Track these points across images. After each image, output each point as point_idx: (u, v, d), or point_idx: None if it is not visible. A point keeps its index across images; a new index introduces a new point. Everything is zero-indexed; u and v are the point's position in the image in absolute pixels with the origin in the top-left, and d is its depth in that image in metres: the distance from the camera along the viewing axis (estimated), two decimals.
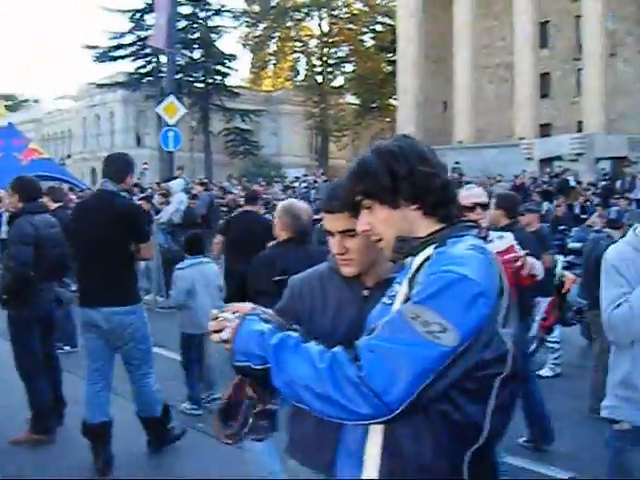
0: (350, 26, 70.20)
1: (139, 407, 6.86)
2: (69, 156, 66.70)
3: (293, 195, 27.22)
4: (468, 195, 5.64)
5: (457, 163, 37.75)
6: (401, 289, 2.24)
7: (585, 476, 6.52)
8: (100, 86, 63.71)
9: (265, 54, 71.88)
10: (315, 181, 37.75)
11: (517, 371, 2.17)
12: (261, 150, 65.96)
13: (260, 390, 2.38)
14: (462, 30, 49.48)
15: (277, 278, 4.84)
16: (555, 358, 10.05)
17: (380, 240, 2.37)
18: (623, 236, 9.52)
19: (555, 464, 6.73)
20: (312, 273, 3.15)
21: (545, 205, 24.38)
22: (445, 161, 2.49)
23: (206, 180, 29.82)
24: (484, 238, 5.32)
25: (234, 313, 2.32)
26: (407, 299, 2.14)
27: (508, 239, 6.03)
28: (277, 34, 70.37)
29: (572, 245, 17.99)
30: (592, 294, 8.59)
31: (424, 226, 2.32)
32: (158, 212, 15.94)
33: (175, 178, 20.88)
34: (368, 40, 72.06)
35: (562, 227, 20.95)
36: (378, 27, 71.29)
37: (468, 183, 27.99)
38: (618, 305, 3.52)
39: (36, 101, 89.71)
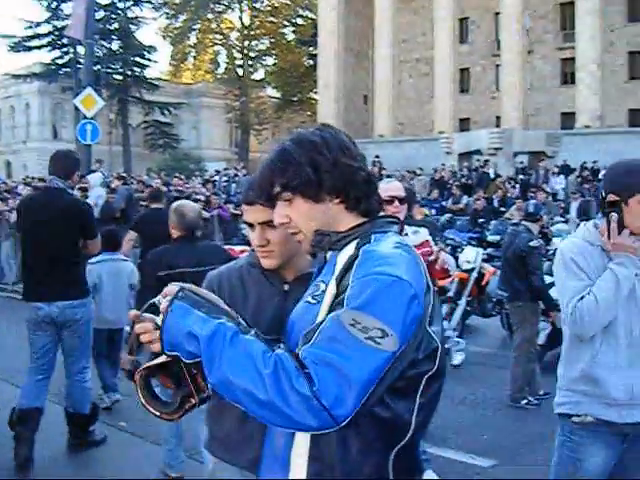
0: (271, 19, 70.05)
1: (69, 402, 6.81)
2: None
3: (213, 189, 26.91)
4: (386, 188, 5.58)
5: (377, 157, 37.98)
6: (328, 289, 2.14)
7: (507, 464, 6.59)
8: (15, 77, 62.34)
9: (185, 46, 71.21)
10: (236, 175, 37.54)
11: (443, 367, 2.15)
12: (181, 143, 65.29)
13: (197, 377, 2.15)
14: (383, 24, 49.79)
15: (162, 273, 5.35)
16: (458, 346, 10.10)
17: (298, 233, 2.28)
18: (542, 228, 9.68)
19: (477, 453, 6.77)
20: (230, 268, 3.07)
21: (464, 198, 24.72)
22: (366, 155, 2.42)
23: (125, 174, 29.40)
24: (400, 232, 5.32)
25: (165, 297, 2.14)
26: (335, 299, 2.07)
27: (423, 234, 6.08)
28: (197, 26, 69.81)
29: (491, 238, 18.28)
30: (512, 286, 8.71)
31: (345, 220, 2.25)
32: None
33: (93, 172, 20.49)
34: (289, 33, 72.14)
35: (481, 220, 21.30)
36: (299, 20, 71.43)
37: (389, 177, 28.20)
38: (581, 298, 3.51)
39: None
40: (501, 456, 6.69)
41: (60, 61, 60.13)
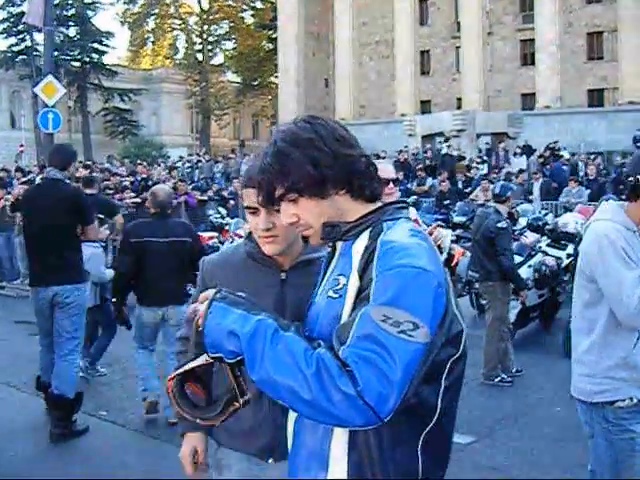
0: (230, 3, 69.61)
1: (56, 383, 6.91)
2: None
3: (178, 175, 26.79)
4: (381, 170, 5.64)
5: None
6: (350, 282, 2.12)
7: (484, 440, 6.69)
8: None
9: (144, 31, 70.59)
10: (199, 161, 37.39)
11: (466, 349, 2.16)
12: (141, 130, 64.77)
13: (240, 379, 2.13)
14: (343, 7, 49.82)
15: (133, 240, 7.05)
16: None
17: (308, 229, 2.25)
18: (511, 208, 9.72)
19: (455, 430, 6.83)
20: (225, 257, 3.04)
21: (429, 180, 24.80)
22: None
23: (90, 162, 29.13)
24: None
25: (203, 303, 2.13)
26: (360, 293, 2.06)
27: (411, 213, 6.11)
28: (156, 11, 69.23)
29: (457, 219, 18.41)
30: (483, 266, 8.81)
31: (353, 209, 2.22)
32: None
33: None
34: (248, 17, 71.77)
35: (447, 202, 21.41)
36: (258, 4, 71.08)
37: (377, 157, 28.18)
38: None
39: None
40: (478, 433, 6.79)
41: (16, 48, 59.31)
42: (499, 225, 8.54)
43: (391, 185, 5.58)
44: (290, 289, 2.80)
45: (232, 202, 21.47)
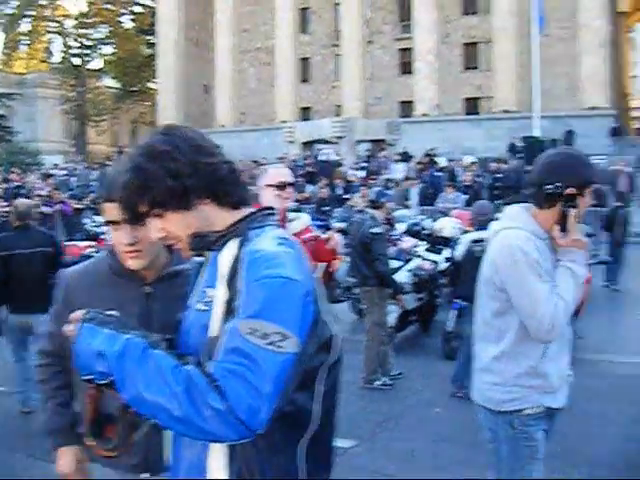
0: (108, 6, 68.35)
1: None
2: None
3: (54, 183, 26.11)
4: (276, 174, 5.67)
5: (218, 147, 37.78)
6: (218, 294, 2.11)
7: (365, 444, 6.70)
8: None
9: (17, 34, 68.65)
10: (75, 168, 36.64)
11: (340, 353, 2.17)
12: (16, 136, 62.93)
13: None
14: (223, 13, 49.70)
15: (2, 253, 7.33)
16: None
17: (178, 242, 2.21)
18: (387, 214, 9.81)
19: (337, 435, 6.82)
20: (86, 272, 2.93)
21: (309, 187, 24.89)
22: None
23: None
24: (283, 220, 5.43)
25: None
26: (228, 305, 2.05)
27: (304, 219, 6.10)
28: (31, 13, 67.43)
29: (336, 225, 18.48)
30: (360, 272, 8.87)
31: (220, 218, 2.19)
32: None
33: None
34: (127, 22, 70.68)
35: (326, 208, 21.50)
36: (137, 8, 70.06)
37: (254, 162, 27.99)
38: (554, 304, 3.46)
39: None
40: (360, 437, 6.80)
41: None
42: (374, 231, 8.59)
43: (288, 188, 5.63)
44: (156, 303, 2.76)
45: None
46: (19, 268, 7.28)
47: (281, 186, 5.52)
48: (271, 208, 2.35)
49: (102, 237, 16.56)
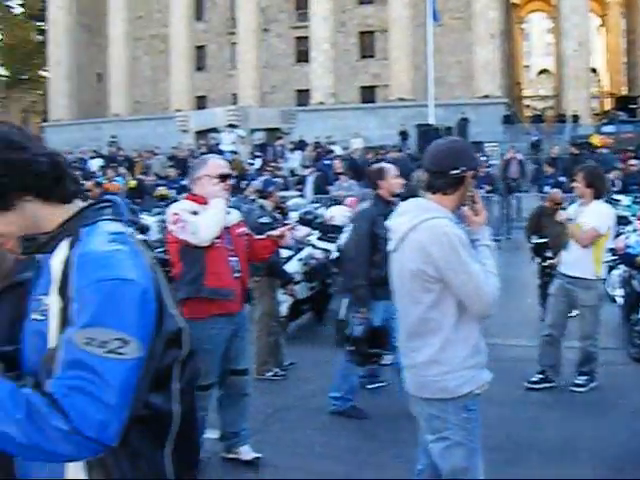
0: None
1: None
2: None
3: None
4: (217, 165, 5.71)
5: (113, 137, 37.22)
6: (51, 302, 2.00)
7: (257, 436, 6.60)
8: None
9: None
10: None
11: (192, 346, 2.11)
12: None
13: None
14: (117, 0, 48.79)
15: None
16: None
17: (6, 243, 2.10)
18: (277, 204, 9.76)
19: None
20: None
21: None
22: (102, 135, 2.20)
23: None
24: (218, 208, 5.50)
25: None
26: (63, 314, 1.94)
27: (236, 214, 6.04)
28: None
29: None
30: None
31: (49, 215, 2.08)
32: None
33: None
34: (16, 7, 68.72)
35: None
36: None
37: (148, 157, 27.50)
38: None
39: None
40: (251, 429, 6.71)
41: None
42: (261, 221, 8.52)
43: (228, 181, 5.60)
44: (0, 314, 2.50)
45: None
46: None
47: (222, 177, 5.53)
48: (107, 200, 2.23)
49: None
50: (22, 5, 68.04)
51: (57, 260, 2.03)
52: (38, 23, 63.38)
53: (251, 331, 8.72)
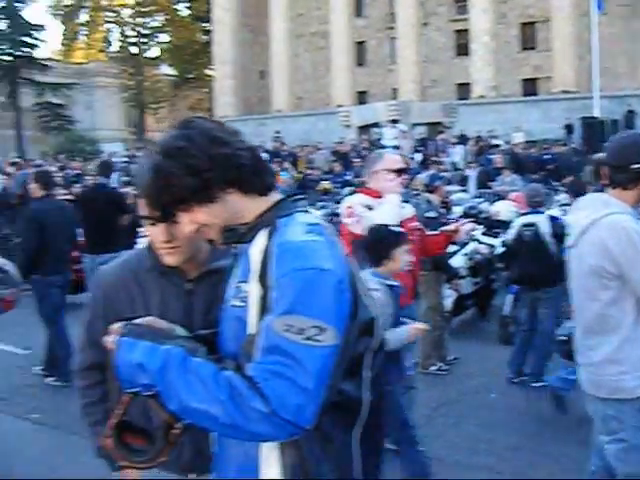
0: None
1: None
2: None
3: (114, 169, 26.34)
4: (395, 160, 5.86)
5: (277, 132, 37.86)
6: (251, 290, 2.09)
7: (421, 430, 6.58)
8: None
9: (75, 25, 69.57)
10: (134, 155, 36.99)
11: (383, 337, 2.15)
12: (75, 125, 63.72)
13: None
14: None
15: None
16: None
17: (209, 234, 2.22)
18: (443, 198, 9.72)
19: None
20: (125, 270, 2.84)
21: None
22: (265, 130, 2.30)
23: (18, 159, 28.60)
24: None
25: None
26: (262, 301, 2.03)
27: (410, 208, 6.14)
28: (88, 3, 68.23)
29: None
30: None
31: (248, 207, 2.18)
32: None
33: None
34: (183, 9, 71.12)
35: None
36: None
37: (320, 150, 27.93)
38: None
39: None
40: (415, 422, 6.75)
41: None
42: (427, 215, 8.52)
43: (404, 175, 5.74)
44: (197, 300, 2.71)
45: None
46: None
47: (398, 172, 5.63)
48: (300, 193, 2.33)
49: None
50: (189, 7, 70.34)
51: (256, 250, 2.12)
52: (203, 24, 65.32)
53: None
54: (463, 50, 48.32)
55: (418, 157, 27.66)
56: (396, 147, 28.96)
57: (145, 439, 2.19)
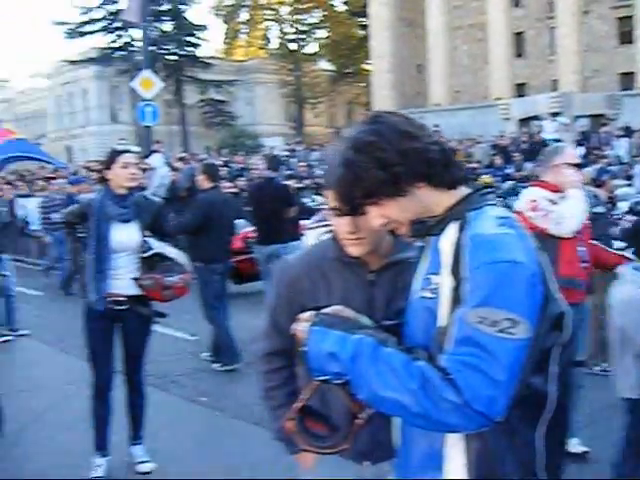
0: None
1: None
2: (44, 135, 65.71)
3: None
4: (574, 155, 5.98)
5: (436, 126, 37.67)
6: (443, 281, 2.10)
7: (584, 430, 6.55)
8: (72, 63, 62.66)
9: (236, 23, 71.29)
10: (294, 150, 37.56)
11: (571, 332, 2.13)
12: (237, 120, 65.34)
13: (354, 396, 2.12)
14: None
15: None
16: None
17: (398, 228, 2.26)
18: (610, 193, 9.54)
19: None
20: (309, 259, 2.88)
21: (527, 165, 24.29)
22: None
23: (185, 154, 29.57)
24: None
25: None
26: (455, 293, 2.04)
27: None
28: (248, 2, 69.80)
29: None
30: None
31: (437, 201, 2.19)
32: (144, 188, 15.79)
33: (154, 153, 20.67)
34: (339, 5, 71.59)
35: None
36: None
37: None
38: None
39: (5, 81, 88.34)
40: (581, 421, 6.65)
41: (114, 45, 60.15)
42: (595, 210, 8.36)
43: (579, 169, 5.80)
44: (379, 291, 2.73)
45: None
46: None
47: (577, 166, 5.74)
48: (489, 187, 2.31)
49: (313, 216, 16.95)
50: (345, 3, 70.75)
51: (447, 242, 2.13)
52: (360, 19, 65.58)
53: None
54: (627, 38, 46.69)
55: (581, 150, 26.93)
56: (557, 140, 28.32)
57: (325, 426, 2.28)
